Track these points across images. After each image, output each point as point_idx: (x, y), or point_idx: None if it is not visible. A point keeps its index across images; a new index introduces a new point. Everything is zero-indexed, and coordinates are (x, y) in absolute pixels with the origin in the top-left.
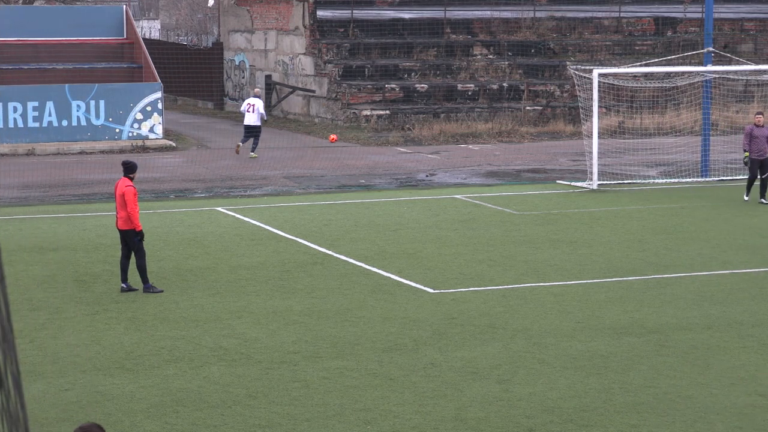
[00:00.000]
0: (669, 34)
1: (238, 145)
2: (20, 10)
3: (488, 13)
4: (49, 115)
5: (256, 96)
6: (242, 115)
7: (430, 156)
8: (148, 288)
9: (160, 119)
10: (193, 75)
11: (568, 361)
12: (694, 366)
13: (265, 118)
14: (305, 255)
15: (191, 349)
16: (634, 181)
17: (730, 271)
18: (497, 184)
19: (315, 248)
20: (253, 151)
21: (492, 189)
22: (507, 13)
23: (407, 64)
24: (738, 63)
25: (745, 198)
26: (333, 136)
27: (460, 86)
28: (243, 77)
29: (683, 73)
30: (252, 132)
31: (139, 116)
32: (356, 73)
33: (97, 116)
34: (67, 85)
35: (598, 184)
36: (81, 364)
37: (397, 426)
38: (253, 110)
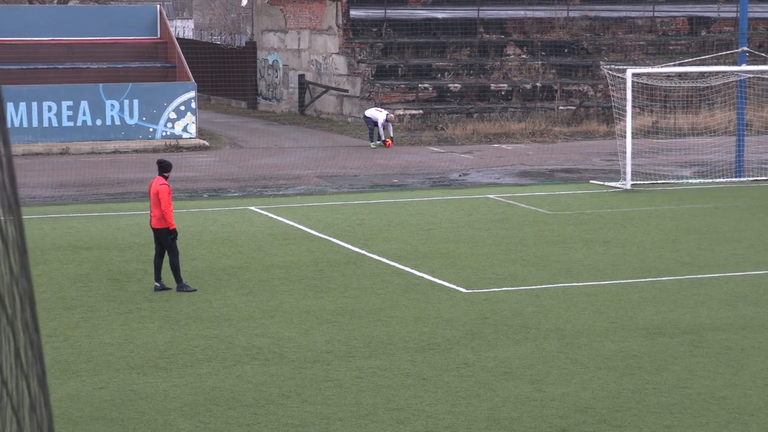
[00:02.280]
0: (703, 33)
1: (388, 141)
2: (55, 10)
3: (521, 12)
4: (84, 114)
5: None
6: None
7: (463, 156)
8: (181, 287)
9: (194, 119)
10: (227, 74)
11: (602, 361)
12: (728, 367)
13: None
14: (338, 254)
15: (224, 348)
16: (668, 181)
17: (765, 272)
18: (530, 183)
19: (348, 248)
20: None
21: (525, 189)
22: (540, 13)
23: (440, 63)
24: None
25: None
26: (388, 141)
27: (493, 86)
28: (276, 77)
29: (717, 72)
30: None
31: (173, 116)
32: (389, 72)
33: (131, 116)
34: (101, 84)
35: (632, 184)
36: (115, 362)
37: (430, 426)
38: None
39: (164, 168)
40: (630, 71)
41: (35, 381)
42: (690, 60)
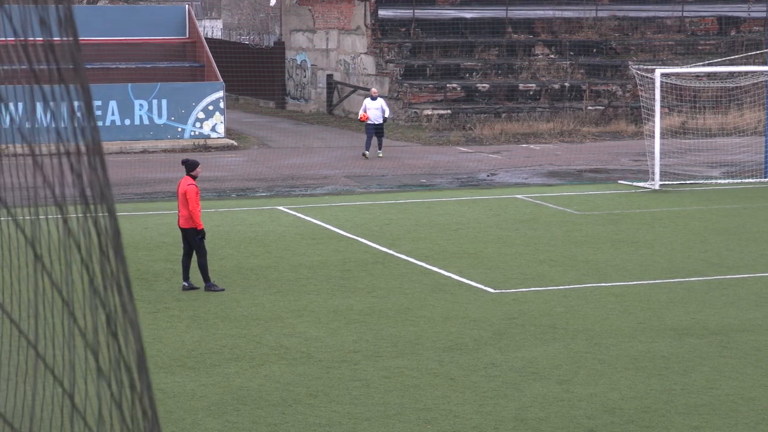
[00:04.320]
0: (732, 33)
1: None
2: (84, 10)
3: (550, 12)
4: (112, 114)
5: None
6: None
7: (491, 156)
8: (209, 286)
9: (222, 118)
10: (255, 74)
11: (630, 361)
12: (757, 368)
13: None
14: (366, 254)
15: (252, 348)
16: (697, 182)
17: None
18: (558, 184)
19: (376, 247)
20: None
21: (553, 189)
22: (569, 13)
23: (469, 63)
24: None
25: None
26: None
27: (521, 86)
28: (304, 77)
29: (747, 72)
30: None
31: (201, 115)
32: (417, 72)
33: (160, 115)
34: (129, 84)
35: (660, 185)
36: None
37: (458, 426)
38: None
39: (190, 167)
40: (659, 71)
41: (136, 363)
42: (719, 60)
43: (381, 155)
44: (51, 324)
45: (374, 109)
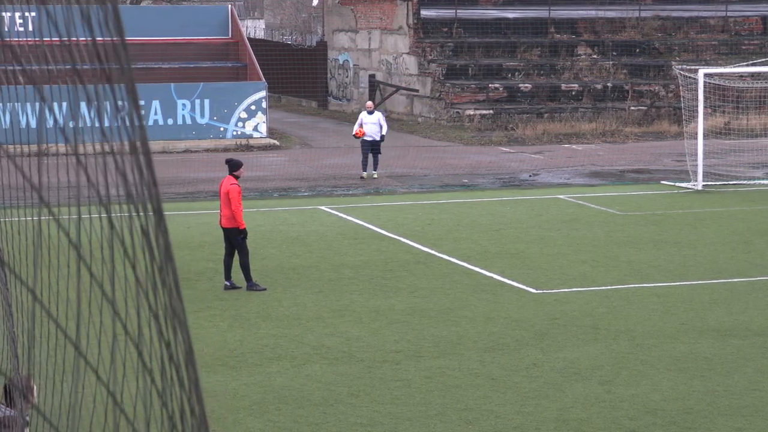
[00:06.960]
0: None
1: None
2: (127, 10)
3: (593, 12)
4: (155, 113)
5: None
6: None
7: (533, 156)
8: (251, 286)
9: (264, 118)
10: (298, 74)
11: (672, 362)
12: None
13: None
14: (408, 254)
15: (294, 347)
16: (740, 182)
17: None
18: (601, 184)
19: (417, 247)
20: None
21: (595, 189)
22: (612, 13)
23: (511, 63)
24: None
25: None
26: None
27: (564, 86)
28: (347, 76)
29: None
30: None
31: (244, 115)
32: (460, 72)
33: (202, 115)
34: (172, 84)
35: (703, 185)
36: None
37: (499, 426)
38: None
39: (233, 167)
40: (702, 71)
41: (184, 360)
42: (763, 60)
43: (376, 176)
44: (96, 323)
45: (371, 124)
